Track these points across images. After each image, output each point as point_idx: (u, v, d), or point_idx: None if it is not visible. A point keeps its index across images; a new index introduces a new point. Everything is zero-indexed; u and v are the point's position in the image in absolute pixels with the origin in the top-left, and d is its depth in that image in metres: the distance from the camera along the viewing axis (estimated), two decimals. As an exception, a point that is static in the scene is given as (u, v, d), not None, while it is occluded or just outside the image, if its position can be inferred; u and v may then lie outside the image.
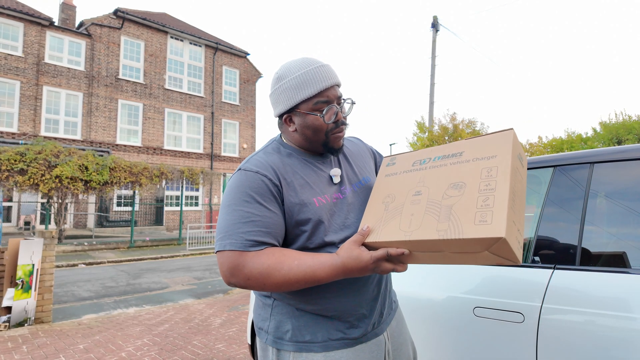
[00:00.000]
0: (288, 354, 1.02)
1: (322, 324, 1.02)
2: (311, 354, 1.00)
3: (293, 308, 1.04)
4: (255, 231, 0.95)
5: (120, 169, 11.78)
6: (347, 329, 1.03)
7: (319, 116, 1.03)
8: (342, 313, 1.03)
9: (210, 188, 18.17)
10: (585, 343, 1.26)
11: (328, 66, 1.07)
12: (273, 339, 1.04)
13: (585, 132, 16.84)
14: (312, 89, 1.02)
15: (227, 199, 1.00)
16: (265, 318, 1.08)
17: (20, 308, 4.12)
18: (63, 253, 10.44)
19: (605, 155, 1.47)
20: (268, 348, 1.06)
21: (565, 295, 1.35)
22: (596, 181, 1.46)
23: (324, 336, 1.01)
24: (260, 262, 0.91)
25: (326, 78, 1.04)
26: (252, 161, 1.04)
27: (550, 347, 1.29)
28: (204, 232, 13.41)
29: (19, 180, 9.98)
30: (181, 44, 18.61)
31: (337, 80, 1.06)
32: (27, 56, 14.33)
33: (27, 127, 14.16)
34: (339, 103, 1.07)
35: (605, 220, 1.45)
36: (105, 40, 16.10)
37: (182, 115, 18.29)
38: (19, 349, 3.47)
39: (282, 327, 1.04)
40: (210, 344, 3.67)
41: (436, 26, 14.82)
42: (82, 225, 15.65)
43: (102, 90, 15.85)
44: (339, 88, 1.08)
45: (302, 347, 1.01)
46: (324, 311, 1.02)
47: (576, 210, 1.47)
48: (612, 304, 1.24)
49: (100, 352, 3.43)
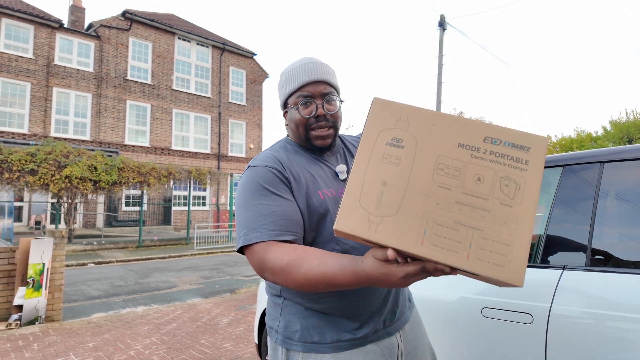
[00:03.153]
0: (297, 354, 1.01)
1: (331, 324, 1.01)
2: (320, 355, 0.99)
3: (302, 308, 1.03)
4: (278, 221, 0.95)
5: (128, 169, 11.89)
6: (357, 329, 1.01)
7: (297, 111, 1.07)
8: (352, 312, 1.01)
9: (218, 188, 18.26)
10: (595, 345, 1.24)
11: (316, 63, 1.08)
12: (282, 338, 1.04)
13: (595, 131, 16.66)
14: (294, 83, 1.07)
15: (242, 197, 1.00)
16: (276, 317, 1.08)
17: (31, 306, 4.17)
18: (73, 252, 10.57)
19: (615, 154, 1.45)
20: (278, 347, 1.06)
21: (574, 296, 1.33)
22: (606, 181, 1.44)
23: (333, 337, 1.00)
24: (280, 258, 0.89)
25: (309, 73, 1.06)
26: (260, 157, 1.07)
27: (560, 349, 1.27)
28: (211, 232, 13.48)
29: (29, 180, 10.12)
30: (188, 44, 18.73)
31: (322, 77, 1.06)
32: (38, 58, 14.52)
33: (38, 128, 14.36)
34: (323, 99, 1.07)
35: (616, 220, 1.42)
36: (114, 42, 16.27)
37: (190, 115, 18.41)
38: (30, 347, 3.51)
39: (291, 327, 1.03)
40: (218, 343, 3.69)
41: (443, 25, 14.74)
42: (92, 224, 15.83)
43: (110, 91, 16.01)
44: (328, 86, 1.07)
45: (310, 347, 1.00)
46: (332, 310, 1.01)
47: (586, 210, 1.46)
48: (622, 305, 1.23)
49: (110, 350, 3.46)
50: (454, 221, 0.69)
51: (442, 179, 0.72)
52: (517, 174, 0.71)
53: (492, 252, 0.66)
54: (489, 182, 0.70)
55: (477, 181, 0.71)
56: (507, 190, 0.70)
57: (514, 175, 0.70)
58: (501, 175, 0.71)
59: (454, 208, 0.70)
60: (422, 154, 0.74)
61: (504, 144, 0.72)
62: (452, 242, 0.68)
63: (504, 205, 0.69)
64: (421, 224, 0.70)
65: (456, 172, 0.72)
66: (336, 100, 1.09)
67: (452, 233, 0.68)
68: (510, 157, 0.72)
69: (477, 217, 0.69)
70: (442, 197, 0.71)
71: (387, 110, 0.79)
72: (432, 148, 0.74)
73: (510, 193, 0.69)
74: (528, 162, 0.71)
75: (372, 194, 0.73)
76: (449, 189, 0.71)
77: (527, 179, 0.70)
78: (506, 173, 0.71)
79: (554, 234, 1.53)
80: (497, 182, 0.70)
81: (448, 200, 0.70)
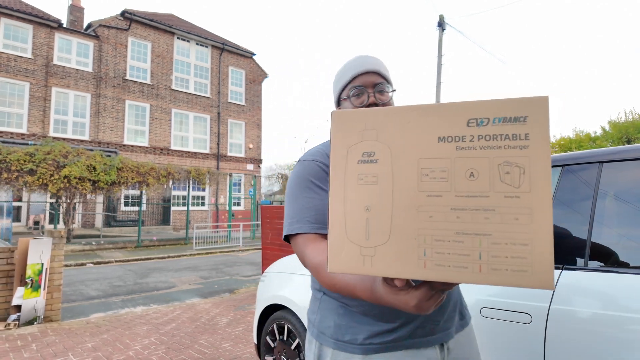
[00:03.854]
0: (328, 350, 1.01)
1: (365, 324, 0.98)
2: (350, 355, 0.97)
3: (338, 304, 1.03)
4: (320, 215, 0.98)
5: (127, 169, 11.88)
6: (390, 332, 0.97)
7: (349, 101, 1.10)
8: (387, 314, 0.97)
9: (217, 188, 18.26)
10: (593, 345, 1.24)
11: (366, 56, 1.11)
12: (317, 332, 1.06)
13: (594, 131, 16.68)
14: (346, 77, 1.10)
15: (290, 189, 1.06)
16: (314, 311, 1.10)
17: (29, 307, 4.16)
18: (71, 252, 10.55)
19: (614, 154, 1.45)
20: (312, 340, 1.08)
21: (573, 296, 1.33)
22: (605, 181, 1.44)
23: (365, 338, 0.97)
24: (314, 256, 0.91)
25: (360, 65, 1.08)
26: (309, 152, 1.11)
27: (559, 348, 1.27)
28: (210, 232, 13.48)
29: (28, 180, 10.11)
30: (187, 44, 18.72)
31: (372, 68, 1.08)
32: (37, 58, 14.50)
33: (36, 127, 14.34)
34: (374, 89, 1.09)
35: (615, 220, 1.43)
36: (113, 42, 16.25)
37: (189, 115, 18.40)
38: (28, 347, 3.51)
39: (326, 322, 1.04)
40: (217, 343, 3.69)
41: (442, 25, 14.75)
42: (90, 225, 15.81)
43: (109, 91, 15.99)
44: (379, 76, 1.09)
45: (341, 346, 0.99)
46: (366, 310, 0.98)
47: (585, 210, 1.46)
48: (621, 305, 1.23)
49: (108, 350, 3.46)
50: (455, 232, 0.58)
51: (429, 186, 0.61)
52: (517, 154, 0.57)
53: (509, 258, 0.56)
54: (485, 175, 0.58)
55: (470, 178, 0.59)
56: (509, 178, 0.57)
57: (514, 157, 0.57)
58: (498, 163, 0.58)
59: (451, 217, 0.59)
60: (399, 163, 0.62)
61: (493, 122, 0.59)
62: (458, 257, 0.58)
63: (509, 197, 0.57)
64: (418, 244, 0.60)
65: (443, 174, 0.60)
66: (388, 91, 1.10)
67: (456, 246, 0.58)
68: (504, 136, 0.58)
69: (481, 220, 0.57)
70: (435, 208, 0.60)
71: (349, 121, 0.67)
72: (410, 152, 0.62)
73: (515, 181, 0.57)
74: (528, 135, 0.57)
75: (357, 224, 0.63)
76: (439, 196, 0.60)
77: (531, 157, 0.56)
78: (504, 158, 0.57)
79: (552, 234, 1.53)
80: (496, 171, 0.58)
81: (442, 210, 0.59)
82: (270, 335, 2.62)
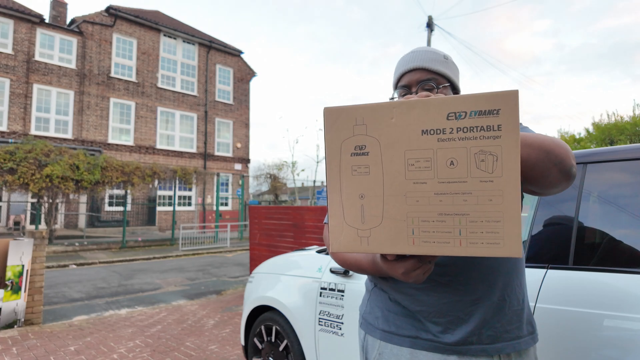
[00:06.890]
0: (376, 341, 1.01)
1: (413, 320, 0.96)
2: (397, 347, 0.96)
3: (387, 297, 1.03)
4: None
5: (112, 168, 11.66)
6: (440, 332, 0.92)
7: None
8: (434, 311, 0.93)
9: (204, 188, 18.07)
10: (579, 343, 1.26)
11: (417, 51, 1.05)
12: (366, 323, 1.06)
13: (578, 133, 17.04)
14: (396, 75, 1.09)
15: None
16: (365, 302, 1.12)
17: (9, 309, 4.05)
18: (54, 253, 10.31)
19: (597, 155, 1.48)
20: (361, 331, 1.08)
21: (559, 295, 1.35)
22: (589, 181, 1.47)
23: (412, 332, 0.96)
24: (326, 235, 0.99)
25: (407, 63, 1.05)
26: None
27: (544, 347, 1.29)
28: (197, 233, 13.33)
29: (8, 179, 9.84)
30: (174, 42, 18.48)
31: (418, 64, 1.02)
32: (17, 54, 14.12)
33: (17, 125, 13.97)
34: (417, 86, 1.03)
35: (599, 220, 1.45)
36: (97, 38, 15.93)
37: (175, 114, 18.16)
38: (8, 350, 3.41)
39: (375, 313, 1.05)
40: (204, 345, 3.65)
41: (431, 26, 14.89)
42: (73, 225, 15.48)
43: (93, 88, 15.68)
44: (427, 72, 1.02)
45: (388, 337, 0.98)
46: (413, 304, 0.96)
47: (569, 210, 1.48)
48: (606, 304, 1.25)
49: (92, 353, 3.39)
50: (438, 213, 0.68)
51: (415, 175, 0.69)
52: (491, 144, 0.65)
53: (484, 233, 0.66)
54: (463, 163, 0.66)
55: (450, 166, 0.67)
56: (484, 165, 0.65)
57: (488, 146, 0.65)
58: (475, 152, 0.66)
59: (434, 201, 0.68)
60: (388, 154, 0.70)
61: (470, 115, 0.66)
62: (441, 234, 0.68)
63: (484, 182, 0.65)
64: (407, 225, 0.70)
65: (427, 163, 0.68)
66: (436, 87, 1.02)
67: (439, 225, 0.68)
68: (479, 127, 0.66)
69: (460, 202, 0.67)
70: (420, 193, 0.69)
71: (340, 117, 0.73)
72: (397, 145, 0.70)
73: (489, 167, 0.65)
74: (500, 126, 0.65)
75: (353, 210, 0.73)
76: (424, 183, 0.68)
77: (503, 146, 0.64)
78: (479, 147, 0.66)
79: (538, 234, 1.55)
80: (472, 159, 0.66)
81: (427, 195, 0.68)
82: (258, 336, 2.60)
